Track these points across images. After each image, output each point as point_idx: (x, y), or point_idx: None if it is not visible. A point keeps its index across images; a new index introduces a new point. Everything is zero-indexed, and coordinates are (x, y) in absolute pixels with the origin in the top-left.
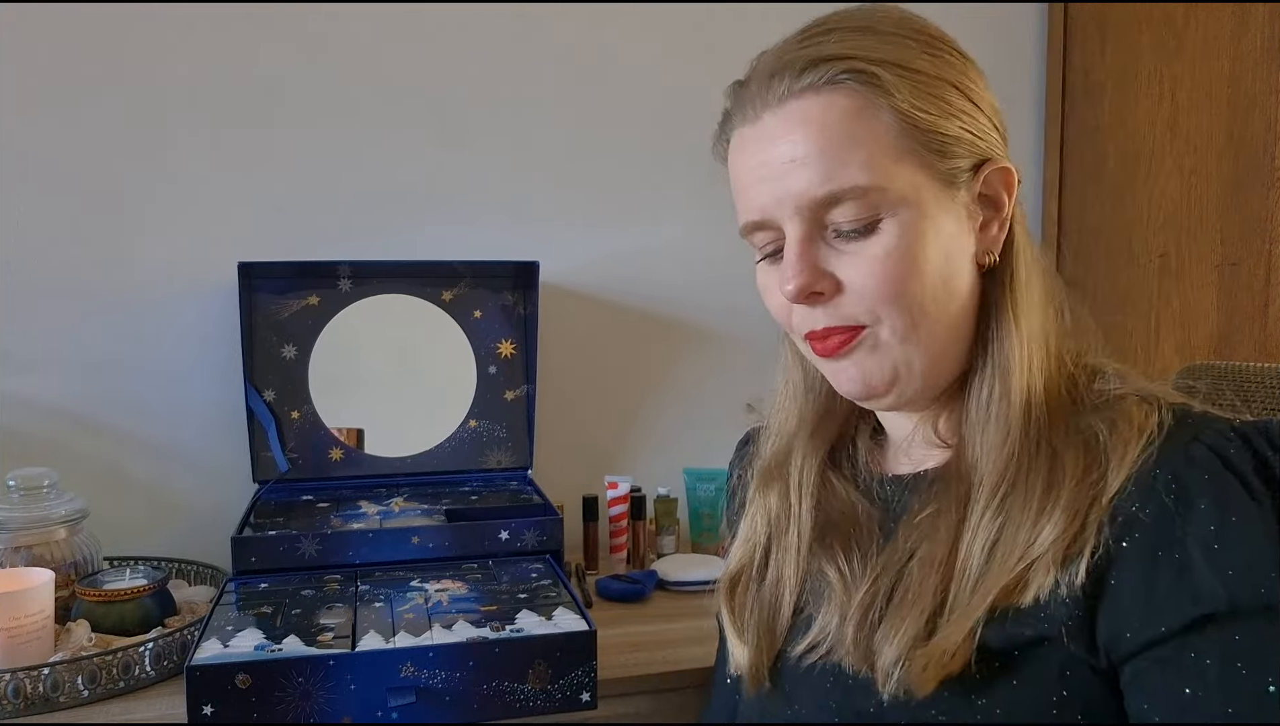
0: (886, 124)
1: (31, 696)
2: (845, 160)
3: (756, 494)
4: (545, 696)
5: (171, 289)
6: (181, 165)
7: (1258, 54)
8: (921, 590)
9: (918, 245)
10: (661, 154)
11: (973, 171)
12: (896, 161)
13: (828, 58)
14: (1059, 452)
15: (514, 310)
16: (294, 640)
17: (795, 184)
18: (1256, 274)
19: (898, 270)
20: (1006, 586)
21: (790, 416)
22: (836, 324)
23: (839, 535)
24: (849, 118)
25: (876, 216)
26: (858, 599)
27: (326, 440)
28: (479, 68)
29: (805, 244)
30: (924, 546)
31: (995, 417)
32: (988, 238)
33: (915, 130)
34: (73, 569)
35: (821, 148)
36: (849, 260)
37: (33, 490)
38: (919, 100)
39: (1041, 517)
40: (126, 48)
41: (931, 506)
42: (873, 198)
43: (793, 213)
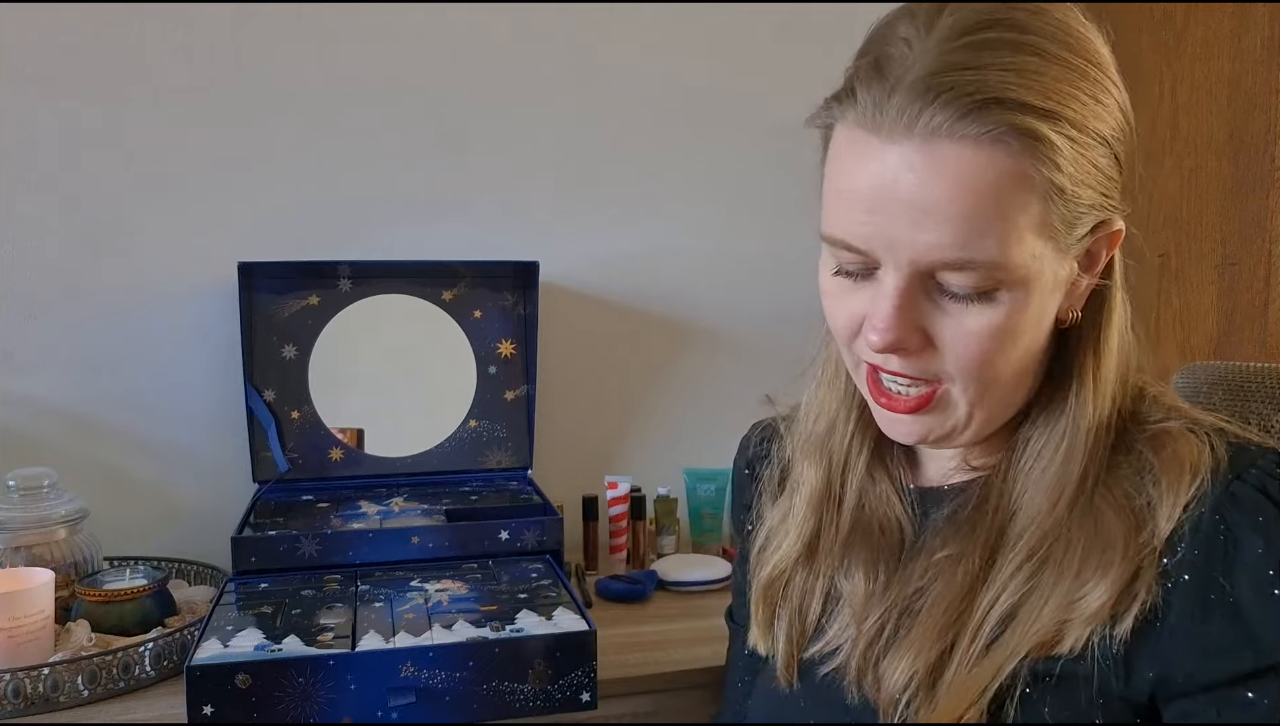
0: (1039, 196)
1: (31, 696)
2: (986, 231)
3: (804, 473)
4: (545, 696)
5: (171, 289)
6: (182, 165)
7: (1258, 54)
8: (927, 631)
9: (1022, 323)
10: (661, 154)
11: (1089, 233)
12: (1035, 236)
13: (1003, 101)
14: (1101, 513)
15: (514, 310)
16: (294, 640)
17: (922, 238)
18: (1256, 274)
19: (996, 345)
20: (1042, 643)
21: (831, 396)
22: (911, 373)
23: (868, 541)
24: (1006, 183)
25: (995, 288)
26: (869, 622)
27: (326, 440)
28: (479, 68)
29: (906, 295)
30: (937, 587)
31: (1053, 477)
32: (1074, 295)
33: (1062, 201)
34: (73, 569)
35: (965, 212)
36: (948, 323)
37: (33, 490)
38: (1075, 168)
39: (1082, 585)
40: (126, 47)
41: (953, 546)
42: (998, 275)
43: (906, 262)
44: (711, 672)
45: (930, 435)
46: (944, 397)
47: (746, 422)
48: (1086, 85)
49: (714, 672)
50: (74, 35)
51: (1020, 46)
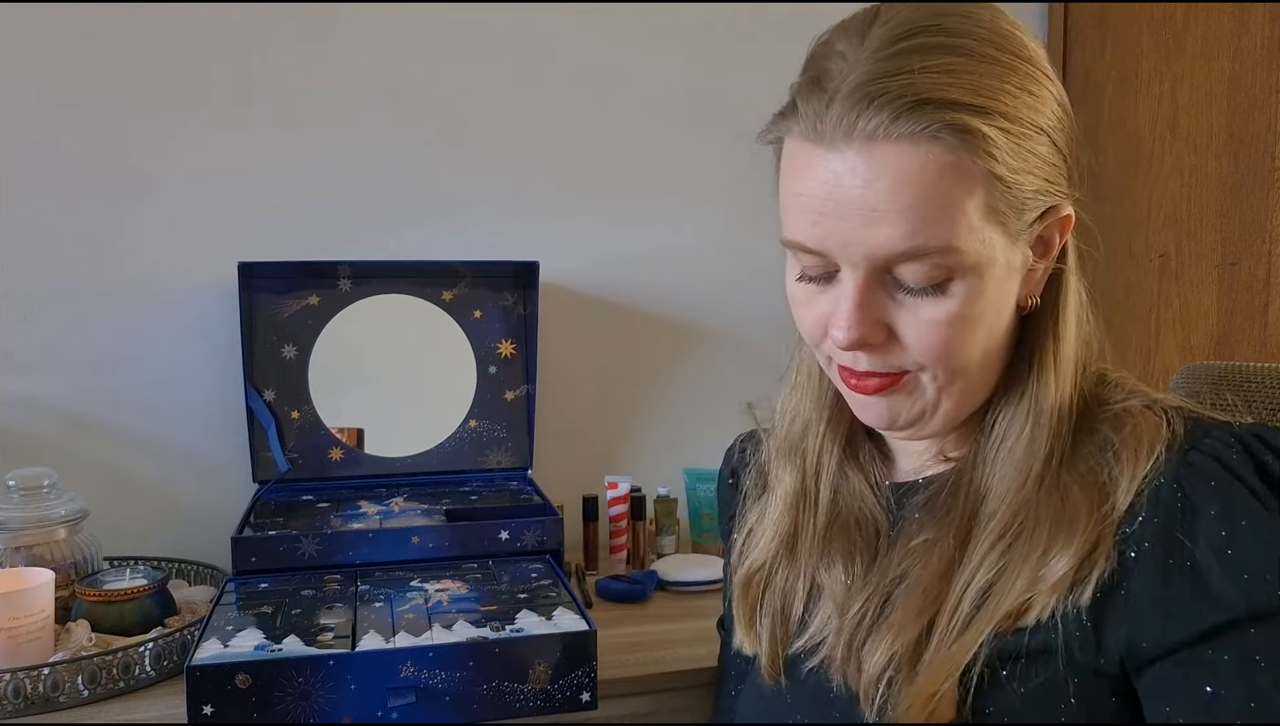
0: (979, 183)
1: (31, 696)
2: (932, 220)
3: (780, 475)
4: (545, 696)
5: (172, 288)
6: (182, 165)
7: (1258, 54)
8: (905, 613)
9: (979, 310)
10: (661, 154)
11: (1039, 219)
12: (982, 222)
13: (934, 101)
14: (1068, 489)
15: (514, 310)
16: (294, 640)
17: (872, 236)
18: (1256, 274)
19: (955, 333)
20: (1009, 613)
21: (805, 399)
22: (880, 370)
23: (845, 536)
24: (943, 177)
25: (949, 277)
26: (851, 612)
27: (326, 440)
28: (479, 68)
29: (865, 293)
30: (914, 572)
31: (1019, 460)
32: (1032, 281)
33: (1004, 189)
34: (73, 569)
35: (909, 205)
36: (907, 316)
37: (33, 490)
38: (1014, 157)
39: (1048, 558)
40: (127, 47)
41: (929, 532)
42: (950, 260)
43: (861, 260)
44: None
45: (900, 418)
46: (912, 381)
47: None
48: (1016, 79)
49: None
50: (74, 35)
51: (948, 49)
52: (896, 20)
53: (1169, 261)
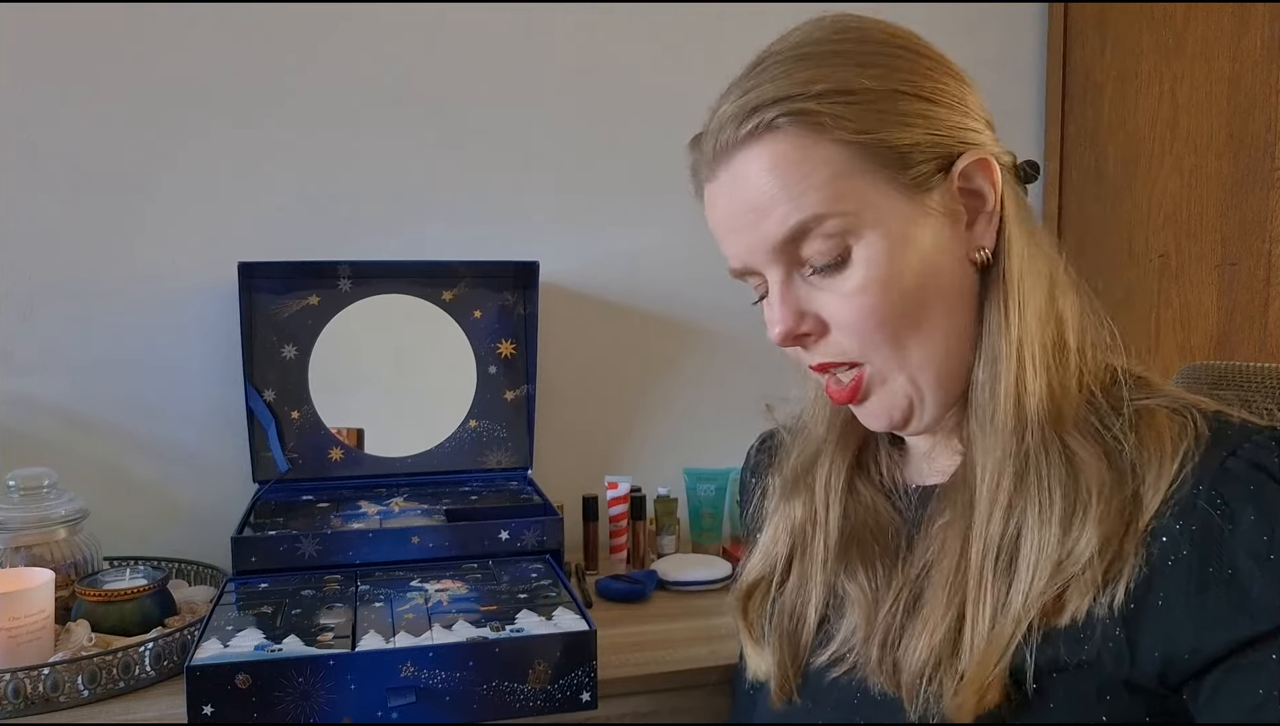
0: (833, 154)
1: (31, 696)
2: (798, 194)
3: (781, 501)
4: (545, 696)
5: (172, 288)
6: (182, 165)
7: (1258, 54)
8: (936, 603)
9: (893, 270)
10: (661, 154)
11: (943, 171)
12: (853, 183)
13: (761, 105)
14: (1075, 453)
15: (514, 310)
16: (294, 640)
17: (760, 231)
18: (1256, 274)
19: (875, 301)
20: (1043, 609)
21: (819, 422)
22: (831, 359)
23: (862, 547)
24: (793, 157)
25: (846, 248)
26: (881, 615)
27: (326, 440)
28: (479, 68)
29: (784, 287)
30: (937, 558)
31: (990, 416)
32: (976, 234)
33: (865, 151)
34: (73, 569)
35: (775, 192)
36: (827, 297)
37: (33, 490)
38: (864, 122)
39: (1071, 527)
40: (127, 47)
41: (944, 516)
42: (834, 225)
43: (766, 259)
44: (712, 672)
45: (893, 416)
46: (873, 377)
47: (747, 423)
48: (855, 59)
49: (714, 672)
50: (74, 35)
51: (784, 60)
52: (753, 60)
53: (1169, 261)
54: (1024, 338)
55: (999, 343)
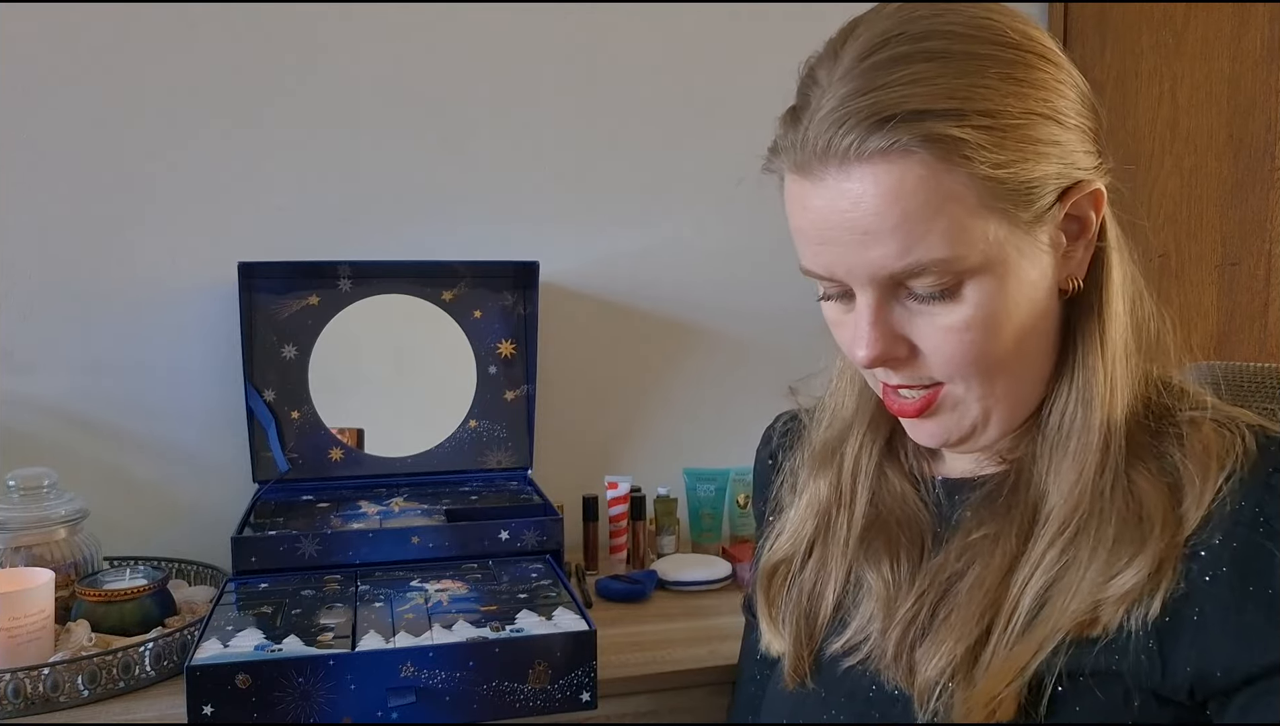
0: (966, 189)
1: (31, 696)
2: (923, 232)
3: (809, 480)
4: (545, 696)
5: (171, 288)
6: (182, 164)
7: (1258, 54)
8: (967, 615)
9: (1001, 308)
10: (661, 154)
11: (1059, 200)
12: (979, 222)
13: (898, 117)
14: (1137, 489)
15: (514, 310)
16: (294, 640)
17: (868, 257)
18: (1257, 274)
19: (978, 338)
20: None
21: (848, 400)
22: (911, 382)
23: (887, 535)
24: (926, 187)
25: (958, 282)
26: (902, 611)
27: (326, 440)
28: (479, 68)
29: (879, 311)
30: (975, 569)
31: (1074, 450)
32: (1071, 263)
33: (999, 187)
34: (73, 569)
35: (896, 223)
36: (926, 326)
37: (33, 490)
38: (1003, 152)
39: (1116, 562)
40: (126, 47)
41: (989, 527)
42: (954, 266)
43: (865, 282)
44: (712, 672)
45: (950, 436)
46: (949, 397)
47: (747, 422)
48: (997, 69)
49: (714, 672)
50: (73, 34)
51: (915, 56)
52: (866, 36)
53: (1169, 261)
54: (1115, 371)
55: (1094, 382)
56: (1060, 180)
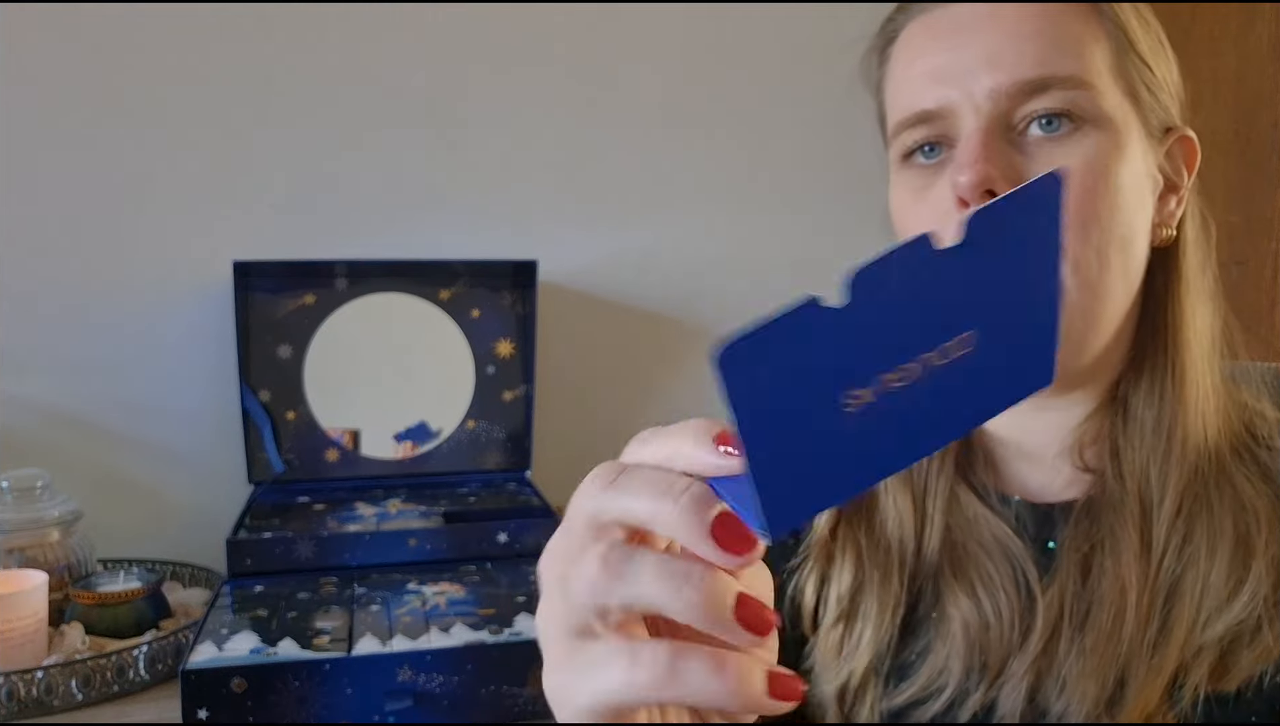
0: (1110, 34)
1: (25, 700)
2: (1062, 49)
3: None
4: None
5: (166, 288)
6: (177, 164)
7: (1264, 51)
8: (1117, 631)
9: (1117, 172)
10: (661, 153)
11: (1163, 133)
12: (1111, 74)
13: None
14: (1244, 494)
15: (512, 310)
16: (289, 643)
17: (998, 68)
18: (1263, 273)
19: (1097, 187)
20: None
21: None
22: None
23: (970, 566)
24: (1072, 13)
25: (1080, 119)
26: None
27: (322, 441)
28: (478, 66)
29: (990, 135)
30: (1107, 581)
31: (1169, 427)
32: (1164, 211)
33: (1134, 54)
34: (66, 571)
35: (1035, 31)
36: (1038, 166)
37: (26, 491)
38: (1143, 30)
39: (1235, 563)
40: (123, 46)
41: (1100, 534)
42: (1081, 100)
43: (984, 99)
44: None
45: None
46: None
47: None
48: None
49: None
50: (72, 34)
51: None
52: None
53: None
54: (1204, 341)
55: (1184, 347)
56: (1171, 106)
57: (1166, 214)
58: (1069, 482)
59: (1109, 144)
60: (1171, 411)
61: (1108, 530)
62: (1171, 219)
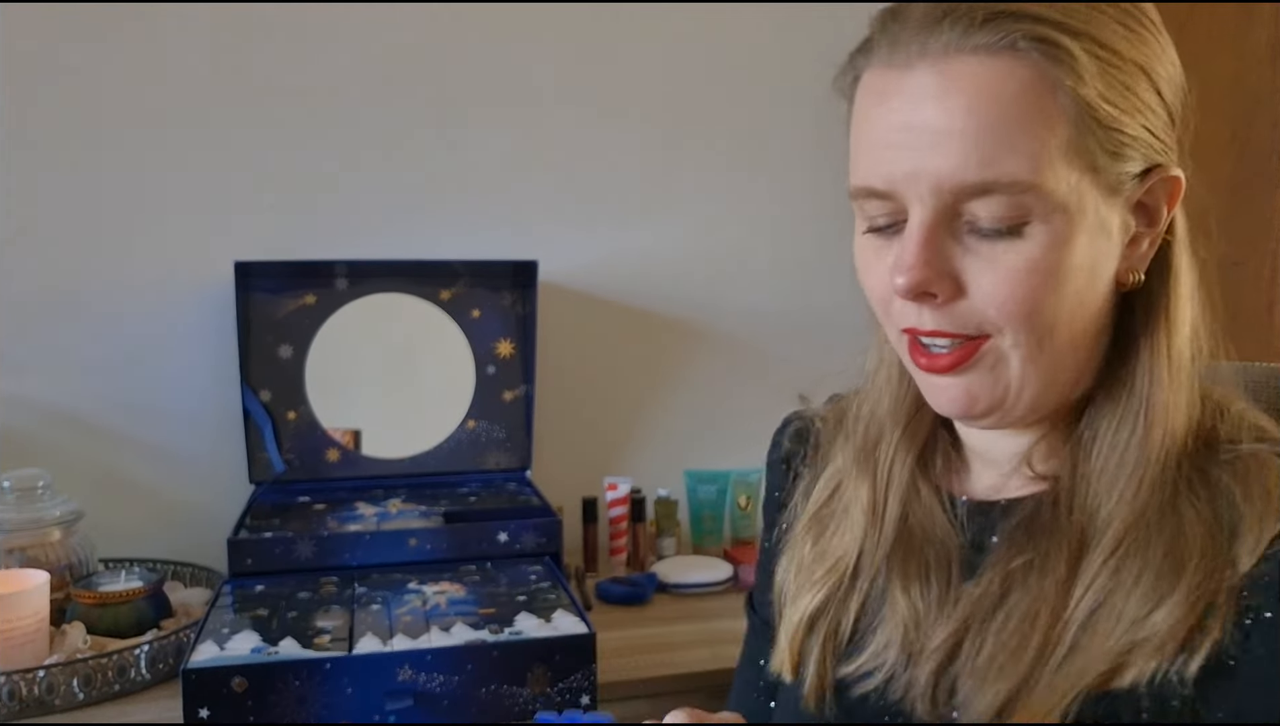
0: (1065, 112)
1: (26, 699)
2: (1011, 146)
3: (852, 485)
4: (545, 699)
5: (167, 288)
6: (178, 164)
7: (1262, 53)
8: (1017, 649)
9: (1067, 261)
10: (661, 153)
11: (1139, 177)
12: (1067, 158)
13: (1014, 14)
14: (1182, 516)
15: (513, 310)
16: (290, 643)
17: (944, 161)
18: (1261, 274)
19: (1037, 285)
20: (1103, 673)
21: (883, 400)
22: (949, 329)
23: (915, 556)
24: (1026, 95)
25: (1025, 219)
26: (936, 641)
27: (323, 441)
28: (479, 67)
29: (932, 233)
30: (1020, 599)
31: (1132, 464)
32: (1135, 254)
33: (1095, 125)
34: (68, 571)
35: (988, 125)
36: (980, 264)
37: (27, 491)
38: (1107, 89)
39: (1155, 594)
40: (124, 47)
41: (1032, 553)
42: (1028, 201)
43: (928, 192)
44: (712, 676)
45: (979, 402)
46: (990, 353)
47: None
48: (1114, 12)
49: (715, 676)
50: (72, 35)
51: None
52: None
53: None
54: (1180, 381)
55: (1159, 390)
56: (1147, 152)
57: (1136, 258)
58: (1020, 485)
59: (1057, 235)
60: (1141, 447)
61: (1041, 553)
62: (1142, 262)
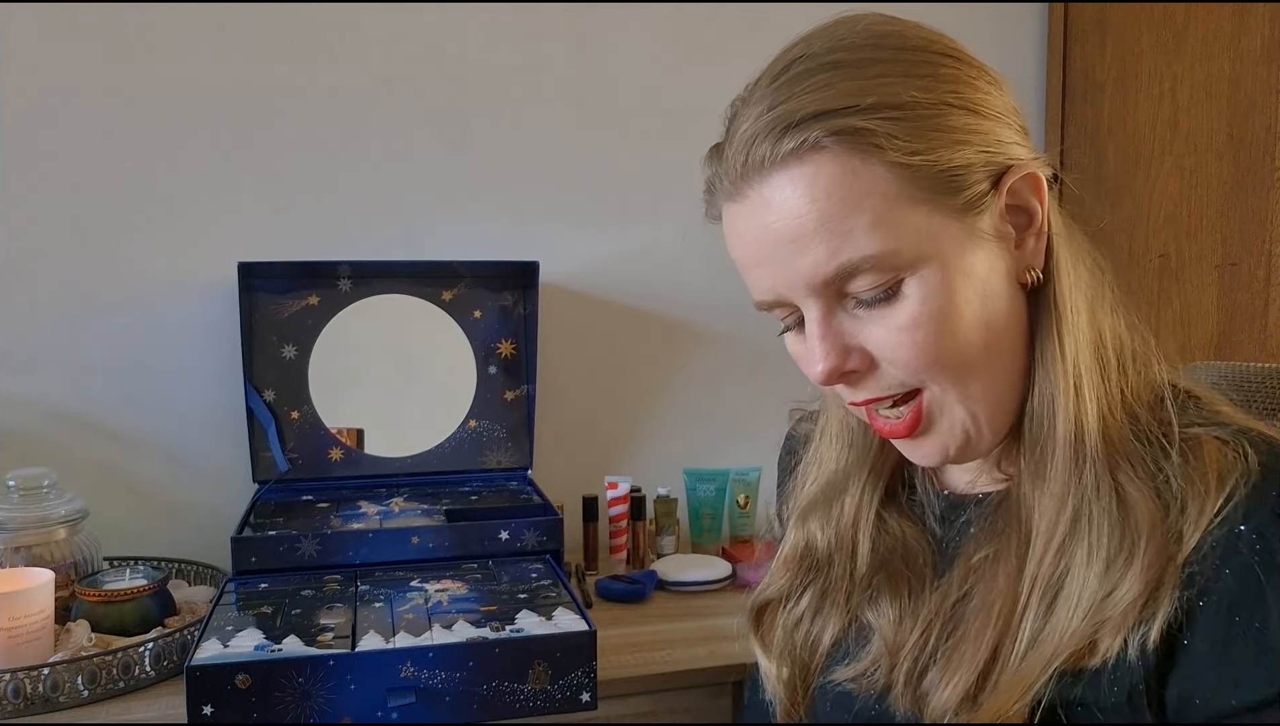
0: (884, 179)
1: (31, 696)
2: (847, 230)
3: (795, 525)
4: (545, 696)
5: (171, 289)
6: (181, 165)
7: (1258, 54)
8: (976, 640)
9: (948, 303)
10: (661, 154)
11: (993, 188)
12: (905, 214)
13: (803, 119)
14: (1127, 494)
15: (514, 310)
16: (294, 640)
17: (800, 265)
18: (1257, 274)
19: (929, 336)
20: (1074, 652)
21: (839, 456)
22: (883, 394)
23: (890, 574)
24: (843, 182)
25: (897, 279)
26: (908, 644)
27: (326, 440)
28: (479, 67)
29: (825, 323)
30: (979, 593)
31: (1044, 454)
32: (1026, 253)
33: (917, 175)
34: (72, 569)
35: (819, 223)
36: (875, 330)
37: (32, 490)
38: (916, 141)
39: (1114, 571)
40: (127, 48)
41: (989, 548)
42: (888, 262)
43: (804, 293)
44: (712, 673)
45: (949, 449)
46: (934, 403)
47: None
48: (898, 69)
49: (714, 673)
50: (74, 35)
51: (816, 70)
52: (774, 63)
53: (1169, 261)
54: (1079, 367)
55: (1055, 375)
56: (989, 166)
57: (1029, 255)
58: (989, 482)
59: (931, 284)
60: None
61: (997, 547)
62: (1035, 257)
